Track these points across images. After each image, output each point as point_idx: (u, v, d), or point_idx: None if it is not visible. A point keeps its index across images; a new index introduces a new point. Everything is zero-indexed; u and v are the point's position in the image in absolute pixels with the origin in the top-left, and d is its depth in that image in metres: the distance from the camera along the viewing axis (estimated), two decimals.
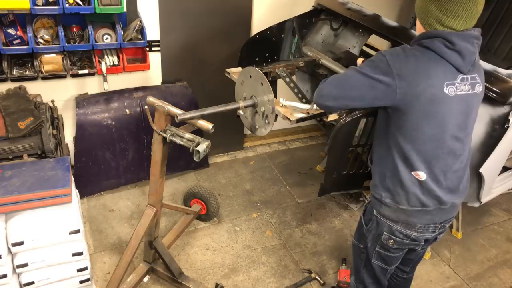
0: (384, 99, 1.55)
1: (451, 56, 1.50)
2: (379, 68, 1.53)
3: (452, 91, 1.52)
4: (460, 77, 1.54)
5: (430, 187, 1.65)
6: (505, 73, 2.08)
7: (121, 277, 2.18)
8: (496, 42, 3.70)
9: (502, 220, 3.33)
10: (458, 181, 1.72)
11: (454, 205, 1.75)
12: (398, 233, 1.75)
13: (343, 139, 2.12)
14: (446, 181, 1.67)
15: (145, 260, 2.48)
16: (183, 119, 1.79)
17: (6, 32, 2.46)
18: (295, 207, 3.24)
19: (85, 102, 2.88)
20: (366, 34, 2.64)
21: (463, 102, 1.56)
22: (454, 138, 1.60)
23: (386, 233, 1.78)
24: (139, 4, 2.80)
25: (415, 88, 1.49)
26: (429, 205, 1.68)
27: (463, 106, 1.57)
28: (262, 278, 2.62)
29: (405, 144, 1.60)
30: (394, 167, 1.66)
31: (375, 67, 1.54)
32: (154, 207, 2.20)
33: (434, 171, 1.63)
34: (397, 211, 1.71)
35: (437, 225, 1.75)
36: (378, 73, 1.53)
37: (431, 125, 1.55)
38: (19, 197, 2.00)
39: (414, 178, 1.64)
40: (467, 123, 1.64)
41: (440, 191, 1.67)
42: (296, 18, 2.83)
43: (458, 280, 2.75)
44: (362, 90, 1.57)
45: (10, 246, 2.00)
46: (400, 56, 1.53)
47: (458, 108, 1.56)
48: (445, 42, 1.49)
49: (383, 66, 1.52)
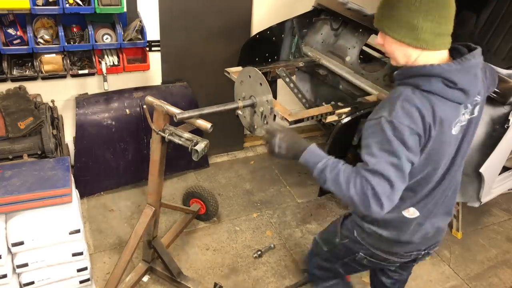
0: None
1: (454, 95, 1.32)
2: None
3: (457, 129, 1.39)
4: (463, 111, 1.38)
5: (421, 222, 1.56)
6: (505, 73, 2.08)
7: (120, 276, 2.18)
8: (496, 42, 3.70)
9: (502, 220, 3.33)
10: (448, 208, 1.64)
11: (439, 229, 1.65)
12: (376, 256, 1.67)
13: (343, 139, 2.12)
14: (436, 214, 1.59)
15: (144, 260, 2.48)
16: (181, 119, 1.79)
17: (6, 32, 2.46)
18: (295, 207, 3.24)
19: (85, 102, 2.88)
20: (366, 34, 2.64)
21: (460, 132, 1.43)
22: (445, 171, 1.49)
23: (362, 254, 1.69)
24: (139, 4, 2.80)
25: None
26: (415, 239, 1.60)
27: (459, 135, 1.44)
28: (262, 278, 2.62)
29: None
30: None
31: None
32: (153, 206, 2.21)
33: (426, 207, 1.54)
34: (380, 240, 1.62)
35: (421, 251, 1.67)
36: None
37: (426, 164, 1.41)
38: (19, 197, 2.00)
39: (403, 215, 1.54)
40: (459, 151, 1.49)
41: (429, 224, 1.58)
42: (296, 18, 2.83)
43: (458, 280, 2.75)
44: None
45: (10, 246, 2.00)
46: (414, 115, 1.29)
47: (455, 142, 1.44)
48: (445, 81, 1.30)
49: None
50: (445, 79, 1.28)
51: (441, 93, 1.29)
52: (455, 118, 1.35)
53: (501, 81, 2.06)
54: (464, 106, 1.37)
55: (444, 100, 1.30)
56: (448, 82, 1.28)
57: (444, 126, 1.32)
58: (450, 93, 1.30)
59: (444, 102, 1.31)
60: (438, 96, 1.30)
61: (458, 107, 1.35)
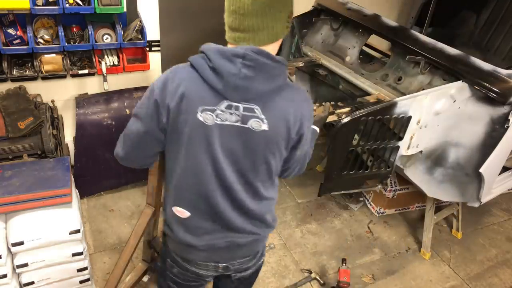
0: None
1: (209, 76, 1.22)
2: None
3: (209, 118, 1.23)
4: (224, 104, 1.22)
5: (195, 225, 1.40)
6: (505, 73, 2.08)
7: (119, 276, 2.18)
8: (496, 42, 3.70)
9: (502, 220, 3.34)
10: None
11: (231, 243, 1.43)
12: (179, 263, 1.50)
13: (343, 139, 2.12)
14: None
15: (144, 260, 2.48)
16: None
17: (6, 32, 2.46)
18: (295, 207, 3.24)
19: (85, 102, 2.88)
20: (366, 34, 2.65)
21: (231, 135, 1.25)
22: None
23: (170, 261, 1.53)
24: (139, 4, 2.79)
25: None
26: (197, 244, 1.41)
27: (233, 139, 1.26)
28: (262, 278, 2.62)
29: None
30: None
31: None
32: (153, 206, 2.20)
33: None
34: (174, 241, 1.47)
35: (220, 264, 1.48)
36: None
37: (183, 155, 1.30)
38: (19, 197, 2.01)
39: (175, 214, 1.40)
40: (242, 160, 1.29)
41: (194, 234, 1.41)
42: (296, 18, 2.83)
43: (458, 280, 2.75)
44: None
45: (10, 246, 2.00)
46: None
47: (222, 141, 1.25)
48: (205, 56, 1.24)
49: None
50: (205, 53, 1.28)
51: (200, 68, 1.27)
52: (207, 105, 1.25)
53: (501, 81, 2.06)
54: (228, 102, 1.23)
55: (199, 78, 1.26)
56: (207, 59, 1.27)
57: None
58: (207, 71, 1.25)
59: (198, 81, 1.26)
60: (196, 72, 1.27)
61: (218, 97, 1.24)
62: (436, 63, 2.25)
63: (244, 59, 1.17)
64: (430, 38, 2.35)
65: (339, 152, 2.18)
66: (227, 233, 1.41)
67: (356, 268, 2.74)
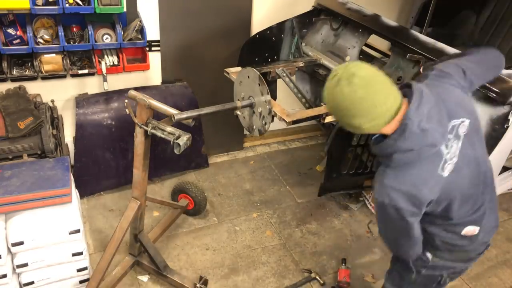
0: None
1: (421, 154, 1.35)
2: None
3: (446, 169, 1.37)
4: (444, 151, 1.36)
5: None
6: (505, 73, 2.08)
7: (105, 269, 2.18)
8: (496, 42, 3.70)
9: (502, 220, 3.33)
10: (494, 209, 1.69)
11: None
12: (458, 269, 1.75)
13: (343, 139, 2.12)
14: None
15: (131, 253, 2.49)
16: (179, 119, 1.79)
17: (6, 32, 2.46)
18: (295, 207, 3.24)
19: (85, 102, 2.88)
20: (366, 34, 2.64)
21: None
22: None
23: (445, 274, 1.73)
24: (139, 4, 2.80)
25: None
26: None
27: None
28: (262, 278, 2.62)
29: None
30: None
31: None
32: (138, 200, 2.20)
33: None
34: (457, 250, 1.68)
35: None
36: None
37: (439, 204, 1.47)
38: (19, 197, 2.01)
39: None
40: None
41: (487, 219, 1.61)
42: (296, 18, 2.83)
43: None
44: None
45: (10, 246, 2.00)
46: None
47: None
48: (402, 153, 1.34)
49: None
50: (400, 151, 1.31)
51: (408, 161, 1.32)
52: (438, 164, 1.34)
53: (501, 81, 2.06)
54: (444, 145, 1.35)
55: (417, 161, 1.32)
56: (404, 152, 1.31)
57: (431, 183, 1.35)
58: (414, 156, 1.31)
59: (419, 163, 1.32)
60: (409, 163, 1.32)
61: (436, 154, 1.34)
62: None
63: (452, 83, 1.47)
64: (430, 38, 2.35)
65: (339, 152, 2.18)
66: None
67: (356, 268, 2.73)
